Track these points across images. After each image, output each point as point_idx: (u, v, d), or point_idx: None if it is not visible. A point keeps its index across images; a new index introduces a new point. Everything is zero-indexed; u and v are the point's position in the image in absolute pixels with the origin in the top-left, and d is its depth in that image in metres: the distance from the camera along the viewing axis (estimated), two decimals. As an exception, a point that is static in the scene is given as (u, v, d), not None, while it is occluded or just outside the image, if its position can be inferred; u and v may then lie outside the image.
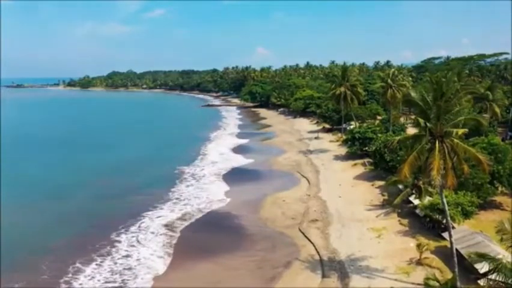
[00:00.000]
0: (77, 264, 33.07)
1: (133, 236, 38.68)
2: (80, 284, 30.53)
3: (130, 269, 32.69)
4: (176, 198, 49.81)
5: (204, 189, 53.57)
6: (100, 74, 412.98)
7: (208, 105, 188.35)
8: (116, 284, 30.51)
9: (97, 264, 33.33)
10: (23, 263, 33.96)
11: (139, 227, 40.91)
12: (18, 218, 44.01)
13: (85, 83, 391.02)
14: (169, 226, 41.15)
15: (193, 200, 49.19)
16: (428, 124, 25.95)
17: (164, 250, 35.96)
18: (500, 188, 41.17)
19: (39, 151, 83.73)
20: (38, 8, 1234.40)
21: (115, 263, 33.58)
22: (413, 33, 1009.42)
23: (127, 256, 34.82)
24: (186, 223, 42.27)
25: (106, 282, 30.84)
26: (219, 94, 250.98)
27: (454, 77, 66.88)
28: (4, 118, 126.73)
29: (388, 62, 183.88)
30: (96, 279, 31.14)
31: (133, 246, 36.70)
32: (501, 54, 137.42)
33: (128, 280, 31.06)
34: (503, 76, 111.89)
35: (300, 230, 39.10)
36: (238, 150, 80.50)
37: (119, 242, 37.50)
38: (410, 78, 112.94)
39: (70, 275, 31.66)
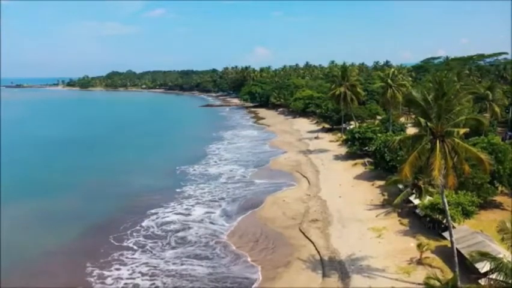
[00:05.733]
0: (90, 268, 32.36)
1: (138, 236, 39.07)
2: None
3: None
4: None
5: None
6: (100, 74, 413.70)
7: (208, 105, 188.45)
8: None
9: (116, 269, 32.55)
10: (29, 266, 33.61)
11: (142, 226, 41.21)
12: (19, 219, 44.06)
13: (85, 83, 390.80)
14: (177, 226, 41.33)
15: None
16: (429, 124, 25.97)
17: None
18: (500, 188, 41.22)
19: (41, 152, 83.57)
20: (37, 8, 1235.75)
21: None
22: (412, 34, 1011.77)
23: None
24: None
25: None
26: (218, 94, 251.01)
27: (454, 77, 66.97)
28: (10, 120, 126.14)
29: (387, 62, 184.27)
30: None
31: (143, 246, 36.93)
32: (500, 54, 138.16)
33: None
34: (502, 76, 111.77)
35: (300, 230, 39.13)
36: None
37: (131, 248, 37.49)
38: (410, 78, 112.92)
39: (96, 278, 30.97)
